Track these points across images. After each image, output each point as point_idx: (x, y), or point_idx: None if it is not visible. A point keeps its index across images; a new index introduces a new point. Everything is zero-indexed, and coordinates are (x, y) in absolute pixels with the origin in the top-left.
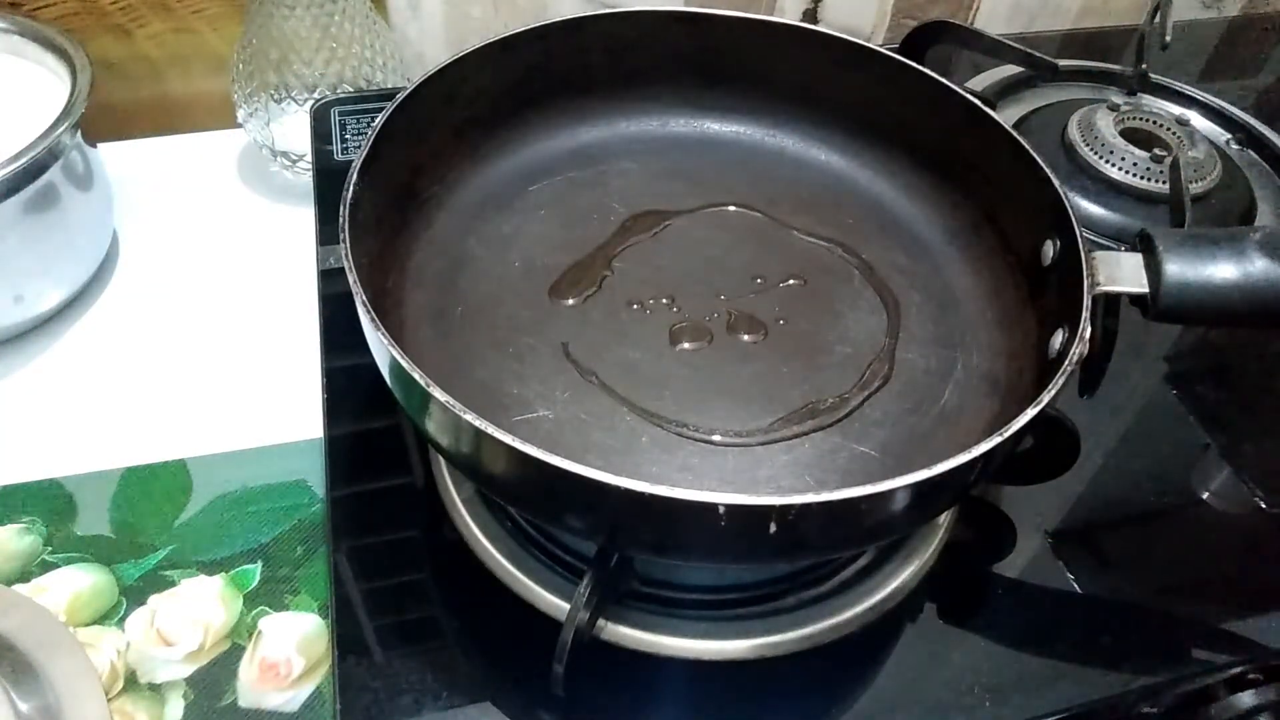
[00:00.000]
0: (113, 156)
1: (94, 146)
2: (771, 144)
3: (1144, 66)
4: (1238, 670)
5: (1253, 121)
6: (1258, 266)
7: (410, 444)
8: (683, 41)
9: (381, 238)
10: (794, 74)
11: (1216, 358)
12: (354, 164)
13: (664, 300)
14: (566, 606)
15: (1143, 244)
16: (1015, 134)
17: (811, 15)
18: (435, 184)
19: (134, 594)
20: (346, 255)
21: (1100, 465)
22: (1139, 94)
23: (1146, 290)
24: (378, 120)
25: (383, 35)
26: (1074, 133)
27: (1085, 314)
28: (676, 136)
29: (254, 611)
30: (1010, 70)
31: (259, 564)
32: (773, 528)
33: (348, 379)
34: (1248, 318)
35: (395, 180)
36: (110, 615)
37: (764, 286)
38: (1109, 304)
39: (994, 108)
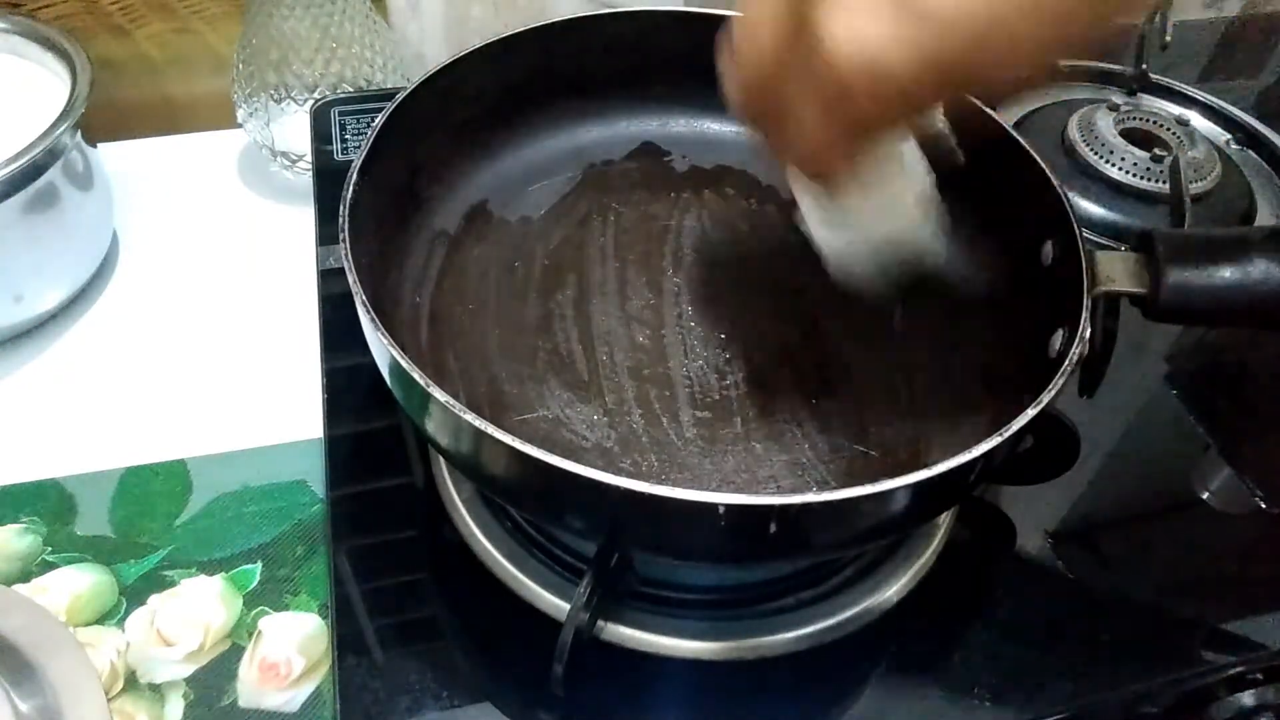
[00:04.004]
0: (113, 156)
1: (94, 146)
2: None
3: (1144, 66)
4: (1238, 670)
5: (1253, 121)
6: (1258, 266)
7: (410, 444)
8: (683, 41)
9: (381, 238)
10: None
11: (1216, 358)
12: (354, 164)
13: (665, 300)
14: (566, 606)
15: (1143, 244)
16: (1015, 134)
17: None
18: (435, 184)
19: (134, 594)
20: (346, 255)
21: (1100, 465)
22: (1139, 94)
23: (1146, 290)
24: (378, 120)
25: (383, 35)
26: (1074, 133)
27: (1085, 314)
28: (676, 136)
29: (254, 611)
30: None
31: (259, 564)
32: (773, 528)
33: (348, 379)
34: (1248, 318)
35: (395, 180)
36: (110, 615)
37: (764, 287)
38: (1109, 304)
39: (994, 108)
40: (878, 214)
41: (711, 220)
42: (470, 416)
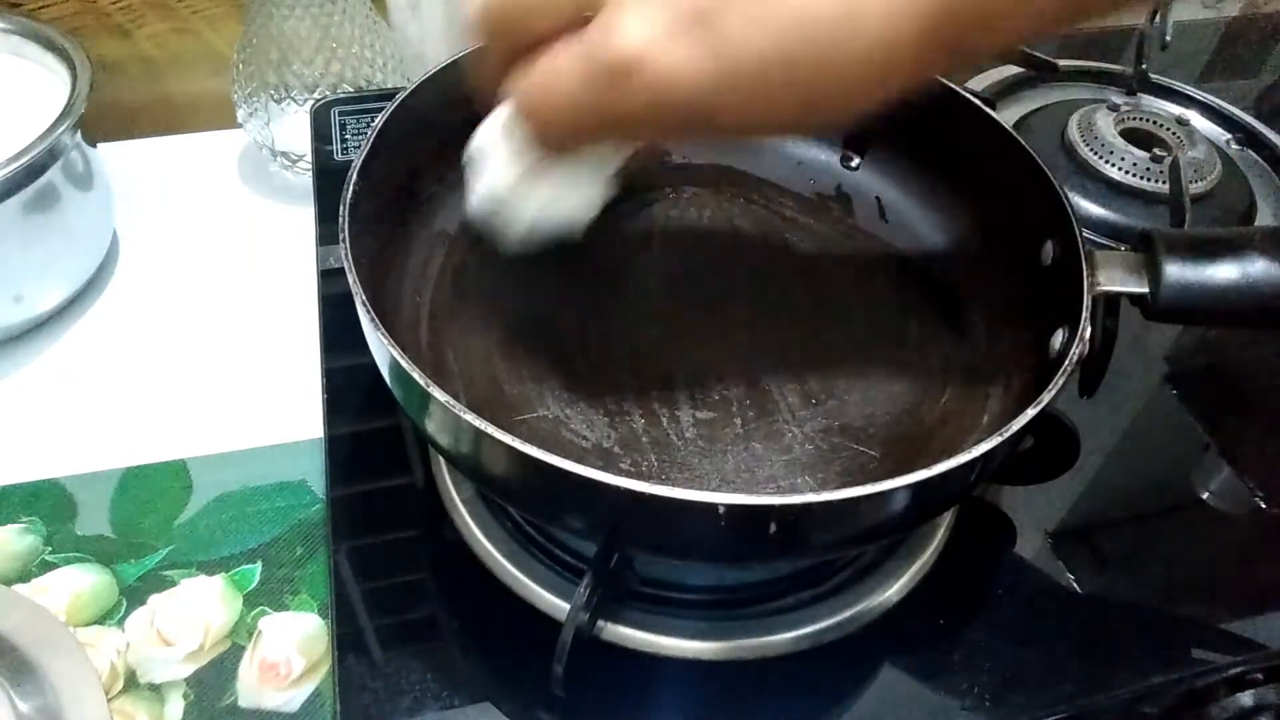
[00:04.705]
0: (113, 156)
1: (94, 146)
2: (772, 144)
3: (1144, 66)
4: (1238, 670)
5: (1253, 121)
6: (1258, 266)
7: (410, 444)
8: None
9: (381, 238)
10: None
11: (1216, 358)
12: (354, 164)
13: (665, 300)
14: (566, 606)
15: (1143, 244)
16: (1015, 134)
17: None
18: (435, 184)
19: (134, 594)
20: (346, 255)
21: (1100, 465)
22: (1139, 94)
23: (1146, 290)
24: (378, 120)
25: (383, 35)
26: (1074, 133)
27: (1085, 314)
28: None
29: (254, 611)
30: (1010, 70)
31: (259, 564)
32: (773, 528)
33: (348, 379)
34: (1248, 318)
35: (395, 180)
36: (110, 615)
37: (764, 287)
38: (1109, 304)
39: (994, 108)
40: (556, 192)
41: (711, 220)
42: (470, 416)
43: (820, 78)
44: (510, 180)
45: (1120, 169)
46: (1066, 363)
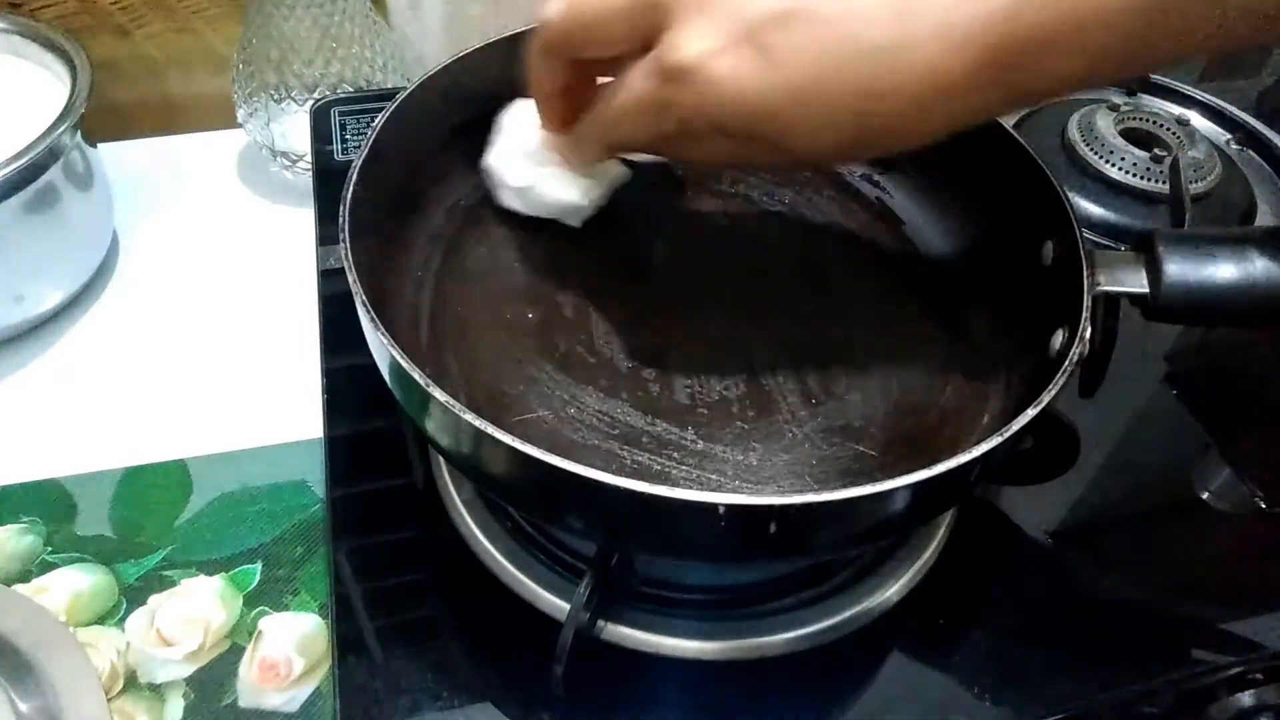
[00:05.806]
0: (113, 156)
1: (94, 146)
2: None
3: None
4: (1238, 670)
5: (1253, 121)
6: (1258, 266)
7: (410, 444)
8: None
9: (381, 238)
10: None
11: (1216, 358)
12: (354, 164)
13: (664, 299)
14: (566, 606)
15: (1143, 244)
16: (1015, 134)
17: None
18: (435, 184)
19: (134, 594)
20: (346, 255)
21: (1100, 465)
22: (1139, 94)
23: (1146, 290)
24: (378, 120)
25: (383, 35)
26: (1074, 133)
27: (1085, 314)
28: None
29: (254, 611)
30: None
31: (259, 564)
32: (773, 528)
33: (348, 379)
34: (1248, 318)
35: (395, 180)
36: (110, 615)
37: (763, 286)
38: (1109, 304)
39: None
40: (575, 187)
41: (712, 220)
42: (470, 416)
43: (870, 100)
44: (534, 154)
45: (1120, 169)
46: (1066, 363)
